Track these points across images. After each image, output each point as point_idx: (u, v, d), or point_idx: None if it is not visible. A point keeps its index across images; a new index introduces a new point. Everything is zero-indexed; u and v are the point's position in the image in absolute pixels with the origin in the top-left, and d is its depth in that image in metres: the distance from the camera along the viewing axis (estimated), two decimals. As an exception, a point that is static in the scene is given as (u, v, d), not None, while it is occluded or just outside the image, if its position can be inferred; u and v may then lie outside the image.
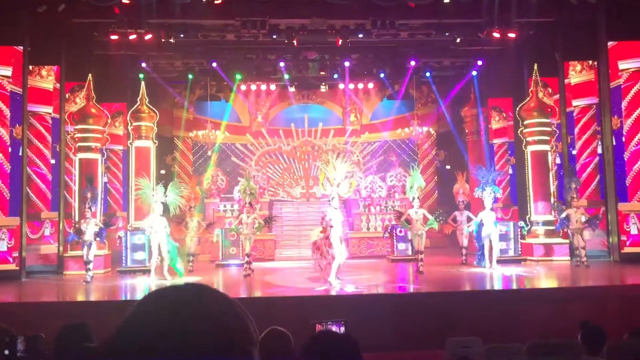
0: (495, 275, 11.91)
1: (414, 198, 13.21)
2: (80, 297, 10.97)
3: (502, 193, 13.78)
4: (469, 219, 13.99)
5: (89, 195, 12.55)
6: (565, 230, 13.48)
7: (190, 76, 17.63)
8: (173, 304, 0.93)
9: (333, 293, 10.29)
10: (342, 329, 4.55)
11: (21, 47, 12.84)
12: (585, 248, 12.78)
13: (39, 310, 9.13)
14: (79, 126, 14.42)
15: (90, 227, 12.17)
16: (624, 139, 13.40)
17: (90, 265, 12.07)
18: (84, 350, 3.00)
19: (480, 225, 13.00)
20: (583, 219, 12.91)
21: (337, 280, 10.84)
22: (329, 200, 11.43)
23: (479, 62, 16.71)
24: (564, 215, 13.08)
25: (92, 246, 12.17)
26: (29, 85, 13.19)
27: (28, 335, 3.49)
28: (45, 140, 13.81)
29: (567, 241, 14.22)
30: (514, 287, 11.14)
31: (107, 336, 0.95)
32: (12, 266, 12.29)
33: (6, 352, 3.27)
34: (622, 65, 13.41)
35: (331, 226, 11.02)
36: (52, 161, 13.95)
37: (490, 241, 12.78)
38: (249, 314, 0.97)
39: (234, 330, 0.93)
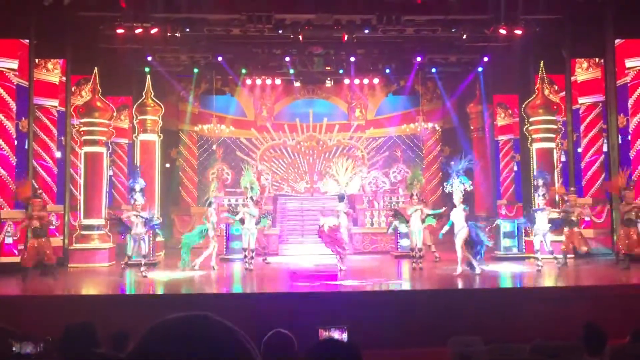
0: (499, 273, 11.92)
1: (412, 194, 13.26)
2: (85, 291, 11.04)
3: (471, 184, 12.22)
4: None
5: (137, 187, 12.44)
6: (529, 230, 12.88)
7: (195, 70, 17.68)
8: (179, 333, 0.95)
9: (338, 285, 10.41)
10: (345, 335, 4.58)
11: (27, 41, 12.88)
12: (540, 251, 12.01)
13: (44, 303, 9.21)
14: (85, 119, 14.46)
15: (142, 221, 12.04)
16: (629, 137, 13.36)
17: (144, 260, 12.00)
18: (91, 357, 3.03)
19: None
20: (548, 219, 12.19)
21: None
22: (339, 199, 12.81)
23: (485, 59, 16.67)
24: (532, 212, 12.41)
25: (146, 239, 12.18)
26: (35, 79, 13.24)
27: (36, 339, 3.53)
28: (51, 133, 13.88)
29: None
30: (517, 285, 11.14)
31: (113, 332, 0.98)
32: (18, 259, 12.34)
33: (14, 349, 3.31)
34: (629, 63, 13.35)
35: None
36: (58, 154, 14.02)
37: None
38: (252, 342, 0.99)
39: (238, 358, 0.95)
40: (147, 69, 16.45)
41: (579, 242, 12.64)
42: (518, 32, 13.56)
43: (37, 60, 13.47)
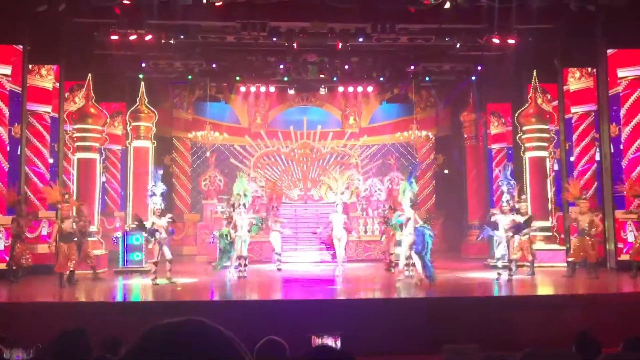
0: (491, 281, 11.92)
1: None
2: (78, 297, 10.95)
3: (415, 189, 11.89)
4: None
5: (157, 192, 12.18)
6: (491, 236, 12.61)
7: (189, 77, 17.67)
8: (174, 338, 0.95)
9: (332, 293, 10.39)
10: (338, 342, 4.56)
11: (21, 46, 12.84)
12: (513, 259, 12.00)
13: (36, 309, 9.13)
14: (78, 125, 14.42)
15: (164, 225, 11.77)
16: (622, 146, 13.44)
17: (168, 266, 11.67)
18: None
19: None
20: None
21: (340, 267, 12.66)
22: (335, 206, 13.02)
23: (479, 68, 16.77)
24: (492, 219, 12.20)
25: (168, 244, 11.89)
26: (28, 84, 13.17)
27: (27, 345, 3.50)
28: (44, 139, 13.81)
29: (564, 247, 14.25)
30: (510, 293, 11.14)
31: (105, 338, 0.97)
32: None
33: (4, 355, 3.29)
34: (621, 73, 13.44)
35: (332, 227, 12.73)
36: (51, 160, 13.95)
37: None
38: (245, 348, 0.99)
39: None
40: (141, 76, 16.45)
41: (527, 250, 12.41)
42: (511, 41, 13.69)
43: (30, 66, 13.42)
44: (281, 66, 16.68)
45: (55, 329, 3.73)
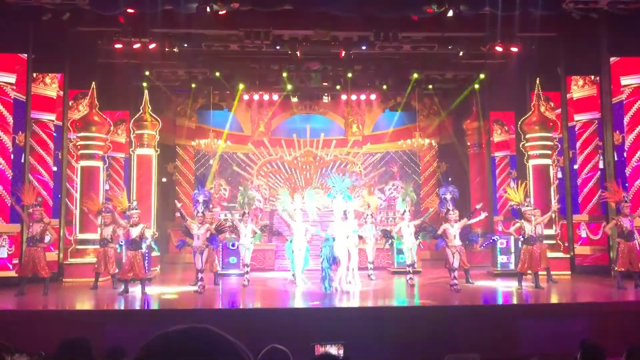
0: (495, 290, 11.89)
1: (405, 211, 13.23)
2: (80, 306, 10.96)
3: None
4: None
5: (200, 199, 12.17)
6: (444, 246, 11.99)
7: (193, 85, 17.72)
8: (179, 345, 0.95)
9: (335, 301, 10.39)
10: (341, 351, 4.55)
11: (25, 55, 12.91)
12: (468, 268, 12.20)
13: (38, 317, 9.14)
14: (82, 134, 14.46)
15: (202, 233, 11.70)
16: (625, 154, 13.41)
17: (201, 275, 11.57)
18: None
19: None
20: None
21: (339, 286, 11.44)
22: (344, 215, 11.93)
23: (482, 76, 16.78)
24: (440, 230, 11.92)
25: (204, 253, 11.75)
26: (32, 93, 13.25)
27: (30, 353, 3.49)
28: (48, 147, 13.85)
29: (568, 255, 14.20)
30: (513, 302, 11.09)
31: (108, 347, 0.97)
32: (12, 273, 12.27)
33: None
34: (624, 81, 13.43)
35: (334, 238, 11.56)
36: (54, 168, 13.99)
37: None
38: (250, 355, 0.99)
39: None
40: (144, 84, 16.51)
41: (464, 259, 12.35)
42: (514, 49, 13.72)
43: (35, 75, 13.50)
44: (284, 74, 16.73)
45: (58, 337, 3.73)
